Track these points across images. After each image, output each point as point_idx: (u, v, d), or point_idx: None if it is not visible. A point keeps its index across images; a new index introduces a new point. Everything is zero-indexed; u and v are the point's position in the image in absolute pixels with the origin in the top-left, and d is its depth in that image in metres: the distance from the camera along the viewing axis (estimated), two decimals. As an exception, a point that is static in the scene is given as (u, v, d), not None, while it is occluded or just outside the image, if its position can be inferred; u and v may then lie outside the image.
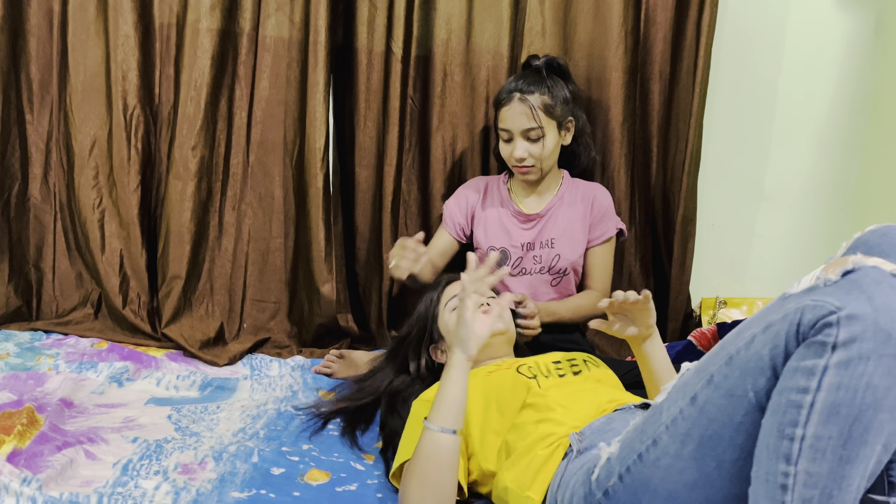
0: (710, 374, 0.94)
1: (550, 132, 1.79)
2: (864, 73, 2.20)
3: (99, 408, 1.57)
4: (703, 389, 0.94)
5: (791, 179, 2.26)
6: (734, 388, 0.91)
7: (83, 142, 2.01)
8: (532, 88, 1.77)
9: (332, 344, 2.07)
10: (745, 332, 0.93)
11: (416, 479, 1.15)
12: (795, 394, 0.84)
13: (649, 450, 0.98)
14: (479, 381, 1.32)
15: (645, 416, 1.03)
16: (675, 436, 0.95)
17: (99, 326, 2.02)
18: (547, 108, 1.77)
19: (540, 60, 1.86)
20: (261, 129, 2.06)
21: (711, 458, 0.93)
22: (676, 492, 0.95)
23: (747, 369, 0.90)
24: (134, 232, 2.03)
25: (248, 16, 1.99)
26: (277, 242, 2.10)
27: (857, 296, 0.83)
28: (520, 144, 1.78)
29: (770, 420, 0.86)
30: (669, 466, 0.96)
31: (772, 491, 0.84)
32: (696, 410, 0.94)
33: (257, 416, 1.58)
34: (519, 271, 1.89)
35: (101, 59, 1.99)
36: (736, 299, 2.12)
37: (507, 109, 1.78)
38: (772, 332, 0.88)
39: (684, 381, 0.99)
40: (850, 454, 0.82)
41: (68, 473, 1.27)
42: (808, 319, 0.85)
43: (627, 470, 1.00)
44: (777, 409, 0.85)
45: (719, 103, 2.18)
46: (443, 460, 1.15)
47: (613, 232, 1.91)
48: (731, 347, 0.93)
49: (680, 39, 2.04)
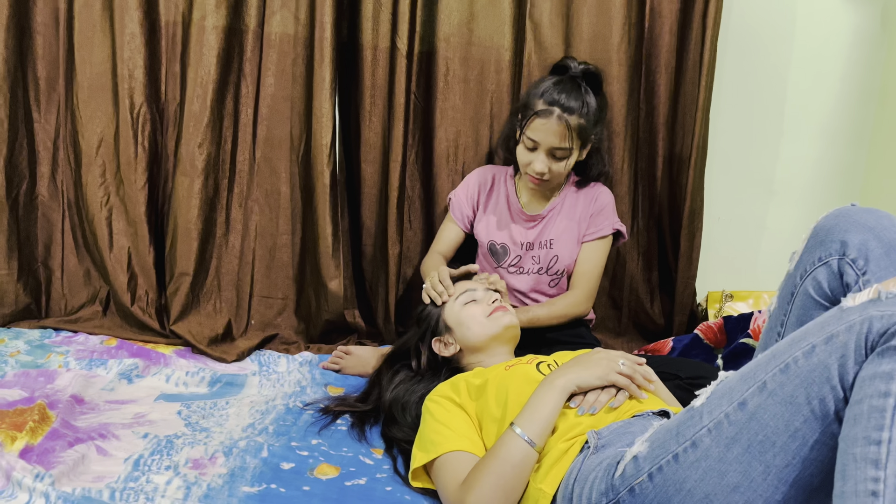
0: (763, 382, 0.94)
1: (575, 152, 1.77)
2: (871, 66, 2.19)
3: (109, 404, 1.58)
4: (754, 396, 0.95)
5: (797, 172, 2.26)
6: (793, 395, 0.91)
7: (90, 139, 2.02)
8: (573, 106, 1.70)
9: (339, 340, 2.07)
10: (801, 342, 0.93)
11: (495, 480, 1.15)
12: (877, 399, 0.84)
13: (687, 451, 0.99)
14: (498, 374, 1.33)
15: (679, 419, 1.03)
16: (720, 439, 0.96)
17: (108, 324, 2.03)
18: (581, 130, 1.73)
19: (577, 68, 1.78)
20: (267, 126, 2.07)
21: (759, 462, 0.93)
22: (714, 494, 0.96)
23: (810, 379, 0.91)
24: (141, 229, 2.04)
25: (253, 13, 2.00)
26: (284, 239, 2.11)
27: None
28: (542, 159, 1.74)
29: (852, 431, 0.86)
30: (710, 468, 0.96)
31: (862, 500, 0.83)
32: (746, 416, 0.94)
33: (266, 411, 1.59)
34: (518, 270, 1.89)
35: (107, 57, 2.00)
36: (742, 293, 2.12)
37: (544, 123, 1.71)
38: (836, 342, 0.89)
39: (728, 387, 0.99)
40: None
41: (80, 469, 1.28)
42: (878, 328, 0.86)
43: (659, 469, 1.01)
44: (859, 417, 0.86)
45: (726, 96, 2.18)
46: (526, 469, 1.16)
47: (609, 231, 1.88)
48: (785, 356, 0.94)
49: (686, 32, 2.03)
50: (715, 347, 1.86)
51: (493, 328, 1.48)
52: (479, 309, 1.49)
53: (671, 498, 0.99)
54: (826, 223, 1.13)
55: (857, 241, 1.08)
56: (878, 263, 1.06)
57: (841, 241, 1.09)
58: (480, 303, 1.51)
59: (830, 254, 1.10)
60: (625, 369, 1.24)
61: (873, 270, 1.07)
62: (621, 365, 1.25)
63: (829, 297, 1.12)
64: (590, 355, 1.28)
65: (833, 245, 1.10)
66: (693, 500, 0.97)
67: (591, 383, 1.23)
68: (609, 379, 1.23)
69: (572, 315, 1.85)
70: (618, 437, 1.14)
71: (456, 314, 1.50)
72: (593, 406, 1.22)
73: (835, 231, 1.10)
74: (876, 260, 1.07)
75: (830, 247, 1.10)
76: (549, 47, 2.02)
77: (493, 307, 1.50)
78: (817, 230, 1.14)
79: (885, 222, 1.08)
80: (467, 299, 1.51)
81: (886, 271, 1.06)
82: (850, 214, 1.10)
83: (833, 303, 1.10)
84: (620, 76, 2.01)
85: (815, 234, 1.14)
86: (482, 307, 1.50)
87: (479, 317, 1.48)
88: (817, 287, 1.12)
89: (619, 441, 1.13)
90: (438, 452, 1.25)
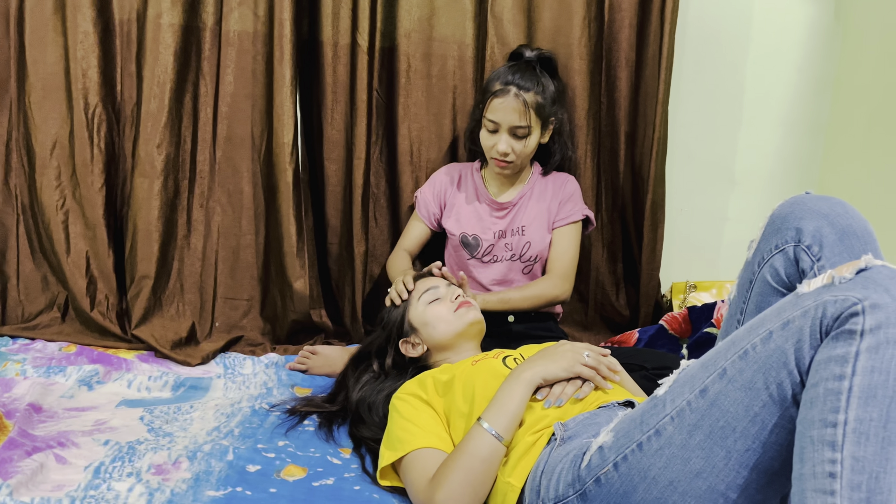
0: (723, 369, 0.96)
1: (536, 131, 1.79)
2: (826, 56, 2.24)
3: (69, 412, 1.54)
4: (714, 383, 0.96)
5: (757, 162, 2.30)
6: (752, 381, 0.93)
7: (44, 142, 1.97)
8: (528, 85, 1.75)
9: (306, 340, 2.06)
10: (759, 329, 0.95)
11: (464, 475, 1.14)
12: (832, 382, 0.86)
13: (651, 439, 1.00)
14: (465, 369, 1.33)
15: (643, 408, 1.04)
16: (683, 426, 0.97)
17: (67, 330, 1.98)
18: (538, 108, 1.76)
19: (532, 53, 1.83)
20: (227, 125, 2.04)
21: (721, 447, 0.95)
22: (678, 480, 0.97)
23: (768, 364, 0.92)
24: (100, 232, 1.99)
25: (210, 10, 1.97)
26: (248, 239, 2.08)
27: (874, 289, 0.87)
28: (504, 139, 1.77)
29: (809, 413, 0.87)
30: (674, 455, 0.97)
31: (820, 482, 0.84)
32: (707, 403, 0.96)
33: (232, 414, 1.57)
34: (491, 259, 1.90)
35: (59, 57, 1.95)
36: (706, 283, 2.14)
37: (501, 102, 1.75)
38: (792, 328, 0.91)
39: (689, 375, 1.01)
40: (891, 435, 0.83)
41: (39, 478, 1.25)
42: (832, 313, 0.88)
43: (624, 458, 1.02)
44: (815, 400, 0.87)
45: (685, 89, 2.20)
46: (493, 464, 1.16)
47: (579, 216, 1.91)
48: (743, 342, 0.96)
49: (645, 25, 2.05)
50: (680, 337, 1.88)
51: (459, 325, 1.47)
52: (444, 307, 1.49)
53: (636, 486, 1.00)
54: (781, 211, 1.14)
55: (811, 227, 1.09)
56: (833, 249, 1.08)
57: (796, 228, 1.11)
58: (444, 300, 1.50)
59: (786, 241, 1.12)
60: (590, 361, 1.25)
61: (828, 256, 1.08)
62: (586, 356, 1.25)
63: (786, 284, 1.13)
64: (555, 348, 1.29)
65: (788, 232, 1.12)
66: (658, 488, 0.99)
67: (556, 375, 1.23)
68: (574, 370, 1.24)
69: (548, 297, 1.85)
70: (584, 429, 1.15)
71: (420, 314, 1.49)
72: (559, 398, 1.22)
73: (790, 219, 1.12)
74: (830, 246, 1.09)
75: (786, 234, 1.12)
76: (510, 42, 2.02)
77: (458, 303, 1.49)
78: (773, 218, 1.15)
79: (838, 209, 1.10)
80: (430, 298, 1.50)
81: (840, 257, 1.08)
82: (805, 202, 1.12)
83: (790, 289, 1.12)
84: (582, 70, 2.02)
85: (772, 222, 1.16)
86: (446, 304, 1.49)
87: (444, 315, 1.48)
88: (774, 274, 1.14)
89: (585, 432, 1.14)
90: (406, 450, 1.24)
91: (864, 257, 0.92)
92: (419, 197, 1.96)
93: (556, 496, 1.08)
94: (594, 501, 1.04)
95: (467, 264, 1.92)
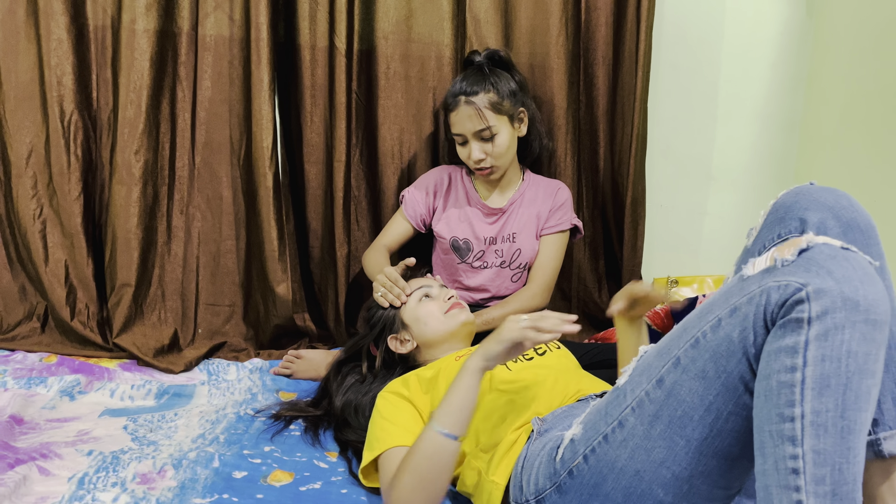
0: (677, 357, 0.96)
1: (503, 128, 1.79)
2: (798, 52, 2.27)
3: (51, 423, 1.52)
4: (669, 372, 0.96)
5: (734, 158, 2.32)
6: (704, 370, 0.93)
7: (19, 150, 1.94)
8: (476, 89, 1.76)
9: (290, 344, 2.05)
10: (708, 315, 0.94)
11: (411, 476, 1.14)
12: (784, 374, 0.85)
13: (615, 431, 1.00)
14: (449, 365, 1.33)
15: (607, 399, 1.05)
16: (643, 417, 0.98)
17: (47, 340, 1.95)
18: (494, 106, 1.77)
19: (481, 56, 1.85)
20: (205, 130, 2.02)
21: (680, 437, 0.95)
22: (644, 470, 0.98)
23: (718, 352, 0.92)
24: (78, 241, 1.97)
25: (185, 14, 1.95)
26: (229, 244, 2.07)
27: (816, 271, 0.86)
28: (475, 146, 1.78)
29: (764, 406, 0.87)
30: (637, 447, 0.98)
31: (784, 478, 0.83)
32: (664, 393, 0.96)
33: (217, 420, 1.56)
34: (481, 265, 1.90)
35: (33, 65, 1.93)
36: (687, 278, 2.16)
37: (456, 114, 1.78)
38: (739, 315, 0.90)
39: (646, 364, 1.01)
40: (849, 424, 0.83)
41: (22, 491, 1.23)
42: (776, 300, 0.87)
43: (592, 451, 1.02)
44: (769, 393, 0.86)
45: (662, 86, 2.22)
46: (443, 462, 1.14)
47: (567, 226, 1.91)
48: (694, 330, 0.95)
49: (622, 24, 2.07)
50: (663, 332, 1.90)
51: (451, 325, 1.48)
52: (436, 305, 1.49)
53: (606, 477, 1.01)
54: (786, 200, 1.11)
55: (815, 219, 1.06)
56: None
57: (800, 218, 1.08)
58: (436, 299, 1.50)
59: (790, 231, 1.09)
60: (525, 323, 1.17)
61: None
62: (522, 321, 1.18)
63: None
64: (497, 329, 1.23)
65: (792, 222, 1.08)
66: (625, 478, 0.99)
67: (497, 352, 1.17)
68: (513, 338, 1.16)
69: (528, 309, 1.85)
70: (559, 421, 1.16)
71: (412, 311, 1.49)
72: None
73: (794, 208, 1.09)
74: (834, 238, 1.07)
75: (790, 224, 1.09)
76: (489, 42, 2.03)
77: (450, 304, 1.50)
78: (777, 207, 1.12)
79: (843, 202, 1.07)
80: (422, 295, 1.51)
81: None
82: (811, 193, 1.10)
83: None
84: (560, 69, 2.04)
85: (775, 210, 1.12)
86: (439, 304, 1.50)
87: (436, 313, 1.48)
88: None
89: (560, 424, 1.15)
90: (381, 449, 1.24)
91: (805, 236, 0.90)
92: (406, 196, 1.95)
93: (537, 490, 1.09)
94: (569, 493, 1.05)
95: (457, 268, 1.92)
